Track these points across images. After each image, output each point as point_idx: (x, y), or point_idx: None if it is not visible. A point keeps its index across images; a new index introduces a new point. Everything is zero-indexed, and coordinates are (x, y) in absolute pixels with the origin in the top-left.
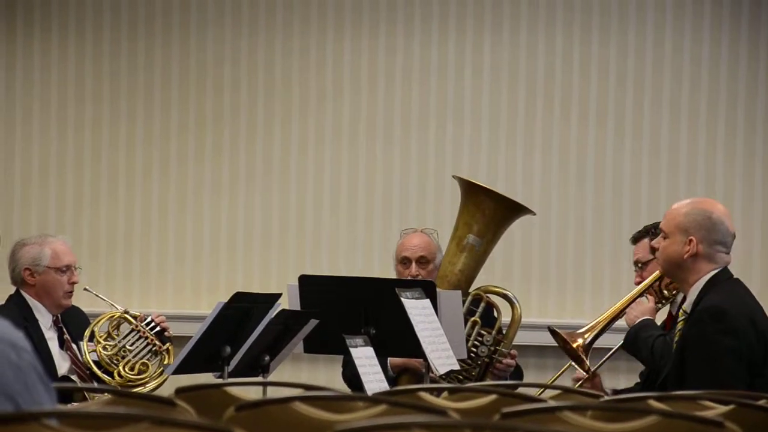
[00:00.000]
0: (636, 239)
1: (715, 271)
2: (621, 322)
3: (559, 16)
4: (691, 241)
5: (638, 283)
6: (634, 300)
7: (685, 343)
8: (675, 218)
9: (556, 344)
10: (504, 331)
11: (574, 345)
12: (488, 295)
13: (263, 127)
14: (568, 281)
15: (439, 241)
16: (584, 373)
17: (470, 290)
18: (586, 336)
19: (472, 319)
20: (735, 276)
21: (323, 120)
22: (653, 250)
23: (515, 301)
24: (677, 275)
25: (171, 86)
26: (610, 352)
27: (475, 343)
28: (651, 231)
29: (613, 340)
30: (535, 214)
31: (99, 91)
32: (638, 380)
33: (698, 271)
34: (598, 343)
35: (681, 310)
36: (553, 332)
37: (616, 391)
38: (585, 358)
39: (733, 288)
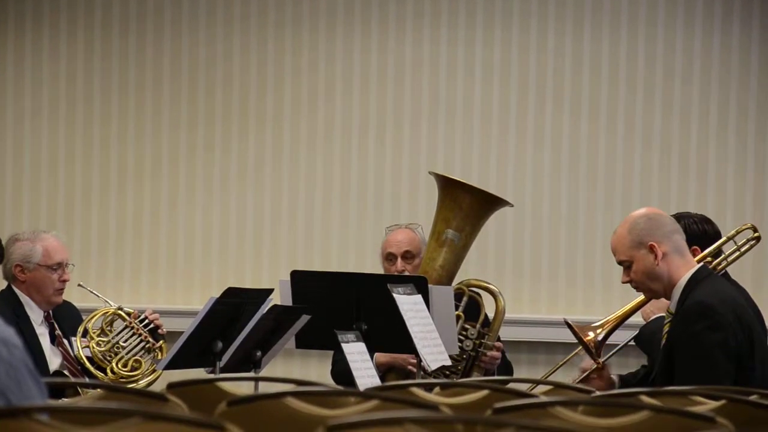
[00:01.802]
0: None
1: (694, 270)
2: (630, 320)
3: (551, 12)
4: (651, 246)
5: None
6: (645, 303)
7: (673, 342)
8: (624, 243)
9: (547, 340)
10: (489, 324)
11: (585, 339)
12: (471, 288)
13: (255, 125)
14: (559, 276)
15: (425, 236)
16: (593, 363)
17: (452, 285)
18: (598, 331)
19: (455, 313)
20: (726, 270)
21: (315, 118)
22: None
23: (498, 294)
24: (659, 288)
25: (162, 84)
26: (619, 347)
27: (460, 337)
28: None
29: (621, 336)
30: (512, 205)
31: (90, 89)
32: (644, 363)
33: (677, 270)
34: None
35: (667, 312)
36: (568, 325)
37: (621, 377)
38: (595, 352)
39: (716, 283)
